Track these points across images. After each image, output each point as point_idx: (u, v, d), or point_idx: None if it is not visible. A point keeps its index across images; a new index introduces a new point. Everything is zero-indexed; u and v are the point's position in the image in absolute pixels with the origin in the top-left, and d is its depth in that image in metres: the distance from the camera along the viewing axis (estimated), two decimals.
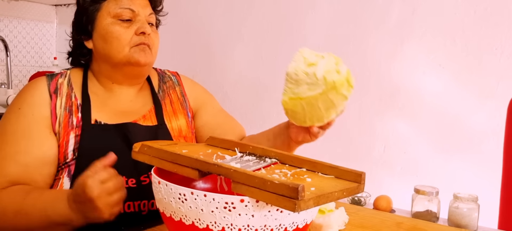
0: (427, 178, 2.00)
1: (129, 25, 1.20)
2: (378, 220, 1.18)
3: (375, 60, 2.18)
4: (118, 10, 1.19)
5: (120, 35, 1.18)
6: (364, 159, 2.20)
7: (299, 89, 0.99)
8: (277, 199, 0.69)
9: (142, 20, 1.21)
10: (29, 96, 1.16)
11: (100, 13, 1.21)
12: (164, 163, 0.84)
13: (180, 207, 0.76)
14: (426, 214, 1.50)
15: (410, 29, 2.09)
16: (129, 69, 1.21)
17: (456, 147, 1.99)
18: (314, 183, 0.78)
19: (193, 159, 0.80)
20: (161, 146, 0.87)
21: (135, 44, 1.19)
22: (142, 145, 0.89)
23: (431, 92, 2.05)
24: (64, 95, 1.18)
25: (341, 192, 0.76)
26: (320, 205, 0.73)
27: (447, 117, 2.01)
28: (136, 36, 1.19)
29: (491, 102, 1.91)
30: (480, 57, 1.94)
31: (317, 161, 0.86)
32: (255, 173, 0.74)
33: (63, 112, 1.15)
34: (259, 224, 0.74)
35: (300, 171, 0.85)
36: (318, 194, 0.72)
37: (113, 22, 1.19)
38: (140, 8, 1.22)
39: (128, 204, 1.13)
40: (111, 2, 1.21)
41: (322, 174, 0.85)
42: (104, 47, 1.19)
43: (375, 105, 2.19)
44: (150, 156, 0.87)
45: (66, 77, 1.22)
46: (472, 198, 1.41)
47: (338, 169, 0.83)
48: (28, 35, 3.13)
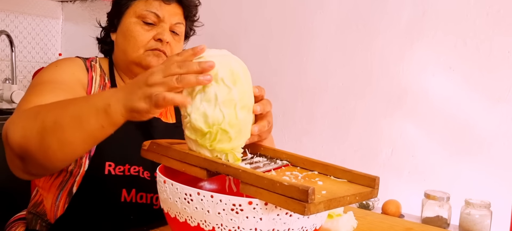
0: (435, 182, 1.97)
1: (150, 29, 1.21)
2: (387, 226, 1.15)
3: (384, 62, 2.15)
4: (144, 11, 1.21)
5: (139, 35, 1.20)
6: (371, 162, 2.17)
7: None
8: (286, 201, 0.67)
9: (164, 27, 1.22)
10: (68, 61, 1.20)
11: (128, 10, 1.24)
12: (172, 162, 0.82)
13: (185, 208, 0.74)
14: (437, 220, 1.47)
15: (420, 31, 2.06)
16: (140, 71, 1.21)
17: (466, 151, 1.95)
18: (325, 186, 0.76)
19: (202, 158, 0.78)
20: (170, 144, 0.85)
21: (151, 48, 1.20)
22: (151, 142, 0.87)
23: (440, 95, 2.01)
24: (98, 75, 1.23)
25: (353, 196, 0.74)
26: (331, 209, 0.70)
27: (456, 120, 1.98)
28: (153, 41, 1.21)
29: (503, 105, 1.88)
30: (492, 59, 1.91)
31: (329, 164, 0.83)
32: (265, 174, 0.71)
33: (97, 88, 1.20)
34: (267, 228, 0.71)
35: (311, 174, 0.83)
36: (329, 197, 0.70)
37: (136, 22, 1.21)
38: (167, 15, 1.23)
39: (141, 194, 1.15)
40: (142, 2, 1.23)
41: (334, 178, 0.82)
42: (123, 43, 1.23)
43: (383, 107, 2.16)
44: (159, 154, 0.85)
45: (96, 62, 1.26)
46: (484, 204, 1.38)
47: (351, 173, 0.81)
48: (34, 31, 3.12)
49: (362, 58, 2.19)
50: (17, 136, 0.90)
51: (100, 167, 1.13)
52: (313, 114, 2.35)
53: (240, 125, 0.79)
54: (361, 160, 2.19)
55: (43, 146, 0.87)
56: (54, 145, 0.87)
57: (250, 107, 0.82)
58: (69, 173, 1.14)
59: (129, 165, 1.14)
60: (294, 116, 2.39)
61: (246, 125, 0.81)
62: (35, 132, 0.88)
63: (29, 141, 0.89)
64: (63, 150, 0.87)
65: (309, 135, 2.37)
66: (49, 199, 1.17)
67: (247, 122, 0.81)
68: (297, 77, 2.39)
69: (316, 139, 2.34)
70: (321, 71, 2.32)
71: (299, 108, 2.39)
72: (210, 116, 0.77)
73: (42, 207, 1.20)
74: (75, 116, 0.85)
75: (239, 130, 0.79)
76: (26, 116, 0.93)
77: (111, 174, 1.13)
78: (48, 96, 1.03)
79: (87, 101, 0.87)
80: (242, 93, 0.79)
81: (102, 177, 1.13)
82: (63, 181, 1.15)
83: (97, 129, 0.84)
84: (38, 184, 1.22)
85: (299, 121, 2.39)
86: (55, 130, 0.86)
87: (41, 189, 1.20)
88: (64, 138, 0.86)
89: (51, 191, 1.17)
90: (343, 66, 2.26)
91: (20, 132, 0.90)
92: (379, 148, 2.16)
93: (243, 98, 0.79)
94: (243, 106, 0.79)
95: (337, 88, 2.28)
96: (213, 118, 0.77)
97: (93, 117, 0.83)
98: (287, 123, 2.42)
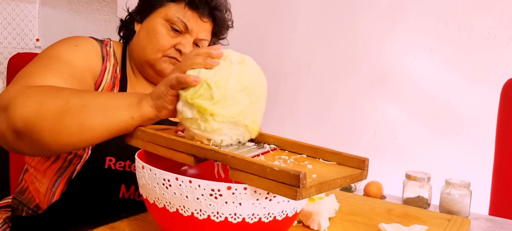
0: (417, 163, 2.00)
1: (175, 36, 1.18)
2: (368, 207, 1.16)
3: (366, 44, 2.16)
4: (174, 17, 1.17)
5: (162, 39, 1.17)
6: (354, 144, 2.19)
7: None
8: (277, 186, 0.67)
9: (189, 39, 1.19)
10: (88, 44, 1.16)
11: (160, 9, 1.19)
12: (158, 148, 0.81)
13: (164, 193, 0.73)
14: (417, 200, 1.49)
15: (402, 13, 2.07)
16: (151, 72, 1.20)
17: (447, 132, 1.98)
18: (315, 170, 0.76)
19: (189, 144, 0.77)
20: (155, 130, 0.83)
21: (169, 55, 1.18)
22: (136, 129, 0.85)
23: (422, 76, 2.04)
24: (111, 65, 1.19)
25: (344, 178, 0.74)
26: (323, 192, 0.70)
27: (438, 101, 2.00)
28: (174, 49, 1.18)
29: (483, 87, 1.91)
30: (472, 42, 1.93)
31: (318, 147, 0.83)
32: (254, 160, 0.71)
33: (108, 80, 1.17)
34: (247, 213, 0.71)
35: (300, 157, 0.83)
36: (320, 181, 0.70)
37: (163, 24, 1.18)
38: (196, 28, 1.19)
39: (140, 192, 1.12)
40: (174, 7, 1.19)
41: (323, 160, 0.82)
42: (144, 40, 1.19)
43: (366, 89, 2.17)
44: (144, 141, 0.83)
45: (111, 47, 1.22)
46: (464, 184, 1.40)
47: (340, 155, 0.81)
48: (9, 15, 3.04)
49: (345, 40, 2.20)
50: (27, 110, 0.86)
51: (101, 161, 1.11)
52: (296, 97, 2.35)
53: (228, 94, 0.77)
54: (344, 142, 2.20)
55: (60, 126, 0.84)
56: (73, 128, 0.84)
57: (250, 93, 0.80)
58: (68, 161, 1.11)
59: (130, 161, 1.12)
60: (277, 99, 2.39)
61: (238, 103, 0.79)
62: (54, 110, 0.85)
63: (43, 118, 0.85)
64: (81, 134, 0.85)
65: (292, 118, 2.37)
66: (44, 183, 1.14)
67: (244, 107, 0.79)
68: (279, 60, 2.38)
69: (299, 122, 2.35)
70: (304, 54, 2.32)
71: (282, 92, 2.39)
72: (203, 72, 0.79)
73: (27, 194, 1.18)
74: (106, 103, 0.85)
75: (226, 98, 0.77)
76: (43, 92, 0.89)
77: (111, 168, 1.12)
78: (63, 79, 0.99)
79: (121, 94, 0.89)
80: (243, 74, 0.80)
81: (102, 171, 1.11)
82: (62, 167, 1.12)
83: (125, 119, 0.84)
84: (30, 164, 1.18)
85: (282, 104, 2.39)
86: (80, 112, 0.84)
87: (33, 170, 1.17)
88: (88, 122, 0.84)
89: (46, 174, 1.14)
90: (326, 48, 2.26)
91: (32, 107, 0.86)
92: (361, 130, 2.18)
93: (244, 79, 0.79)
94: (242, 86, 0.79)
95: (319, 70, 2.28)
96: (205, 73, 0.79)
97: (125, 106, 0.84)
98: (270, 106, 2.42)
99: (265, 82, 0.85)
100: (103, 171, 1.11)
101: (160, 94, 0.82)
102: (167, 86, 0.81)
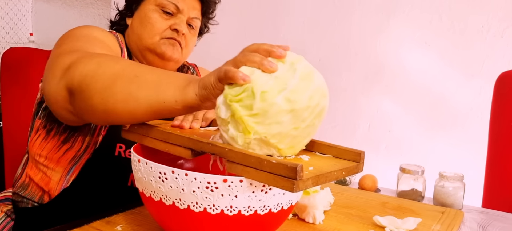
0: (412, 156, 2.01)
1: (168, 18, 1.22)
2: (363, 200, 1.17)
3: (361, 37, 2.16)
4: (164, 1, 1.22)
5: (156, 23, 1.21)
6: (349, 137, 2.20)
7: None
8: (274, 179, 0.67)
9: (182, 18, 1.23)
10: (109, 34, 1.18)
11: None
12: (155, 142, 0.81)
13: (160, 187, 0.73)
14: (412, 193, 1.50)
15: (397, 6, 2.07)
16: (153, 58, 1.23)
17: (441, 125, 1.99)
18: (311, 162, 0.76)
19: (186, 137, 0.77)
20: (152, 124, 0.83)
21: (166, 37, 1.21)
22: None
23: (416, 70, 2.04)
24: (126, 56, 1.22)
25: (340, 171, 0.74)
26: (319, 184, 0.71)
27: (432, 94, 2.01)
28: (170, 30, 1.22)
29: (477, 80, 1.92)
30: (466, 35, 1.94)
31: (314, 140, 0.84)
32: (252, 153, 0.71)
33: None
34: (243, 205, 0.71)
35: None
36: (317, 173, 0.70)
37: (154, 9, 1.22)
38: (186, 7, 1.24)
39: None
40: None
41: (319, 153, 0.83)
42: (139, 28, 1.23)
43: (360, 82, 2.18)
44: (141, 135, 0.83)
45: (118, 38, 1.24)
46: (458, 177, 1.41)
47: (336, 148, 0.81)
48: (2, 10, 3.02)
49: (339, 34, 2.20)
50: (87, 68, 0.85)
51: (111, 148, 1.12)
52: None
53: (270, 111, 0.68)
54: (339, 135, 2.21)
55: (109, 90, 0.82)
56: (121, 95, 0.81)
57: (298, 118, 0.70)
58: (83, 149, 1.12)
59: None
60: None
61: (279, 124, 0.69)
62: (109, 74, 0.83)
63: (98, 79, 0.84)
64: (126, 103, 0.81)
65: None
66: (57, 171, 1.14)
67: (284, 131, 0.70)
68: None
69: None
70: (298, 47, 2.32)
71: None
72: (257, 73, 0.70)
73: (30, 188, 1.17)
74: (158, 79, 0.80)
75: (266, 114, 0.68)
76: (105, 57, 0.89)
77: (121, 156, 1.13)
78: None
79: (176, 74, 0.83)
80: (299, 93, 0.69)
81: (112, 158, 1.12)
82: (76, 156, 1.13)
83: (169, 101, 0.78)
84: (40, 154, 1.16)
85: None
86: (131, 81, 0.81)
87: (44, 159, 1.15)
88: (135, 93, 0.80)
89: (60, 163, 1.14)
90: (320, 41, 2.26)
91: (92, 66, 0.85)
92: (356, 123, 2.19)
93: (297, 100, 0.69)
94: (290, 106, 0.69)
95: (314, 64, 2.28)
96: (258, 76, 0.69)
97: (172, 87, 0.78)
98: None
99: (325, 108, 0.75)
100: (113, 158, 1.12)
101: (207, 84, 0.74)
102: (216, 77, 0.73)
